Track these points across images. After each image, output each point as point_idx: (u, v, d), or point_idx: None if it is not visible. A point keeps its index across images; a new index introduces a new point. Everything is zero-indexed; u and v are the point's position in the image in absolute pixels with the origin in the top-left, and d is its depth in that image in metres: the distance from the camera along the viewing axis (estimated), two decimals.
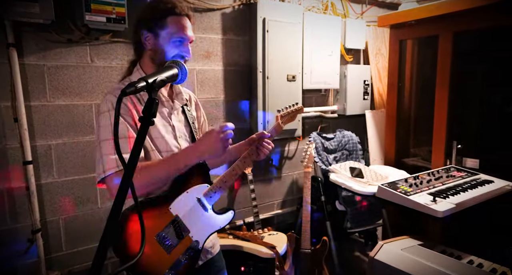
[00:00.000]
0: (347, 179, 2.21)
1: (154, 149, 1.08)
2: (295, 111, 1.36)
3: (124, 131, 1.01)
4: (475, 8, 1.94)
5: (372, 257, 1.34)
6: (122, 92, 0.64)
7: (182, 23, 1.08)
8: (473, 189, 1.68)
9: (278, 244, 1.87)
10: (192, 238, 1.08)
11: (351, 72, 2.80)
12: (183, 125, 1.19)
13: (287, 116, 1.32)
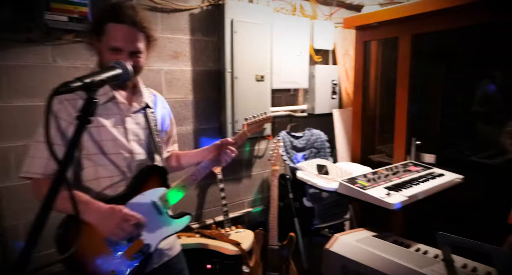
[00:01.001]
0: (313, 176, 2.27)
1: (99, 152, 1.07)
2: (263, 120, 1.37)
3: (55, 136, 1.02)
4: (431, 12, 2.04)
5: (327, 249, 1.40)
6: (54, 91, 0.64)
7: (119, 31, 1.03)
8: (426, 182, 1.77)
9: (243, 241, 1.91)
10: (144, 242, 1.08)
11: (319, 72, 2.88)
12: (141, 128, 1.18)
13: (253, 124, 1.34)
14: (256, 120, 1.35)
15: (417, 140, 2.30)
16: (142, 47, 1.09)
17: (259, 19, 2.50)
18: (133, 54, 1.07)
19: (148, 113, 1.20)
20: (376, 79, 2.82)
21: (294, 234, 2.22)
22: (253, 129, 1.34)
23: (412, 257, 1.29)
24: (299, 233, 2.30)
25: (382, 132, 2.80)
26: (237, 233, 2.02)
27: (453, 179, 1.85)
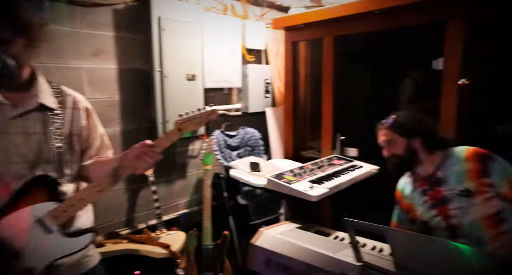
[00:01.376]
0: (246, 174, 2.31)
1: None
2: (201, 116, 1.17)
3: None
4: (351, 15, 2.19)
5: (252, 243, 1.44)
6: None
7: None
8: (346, 174, 1.91)
9: (174, 243, 1.87)
10: (24, 265, 0.94)
11: (252, 72, 2.93)
12: (32, 132, 1.04)
13: (188, 122, 1.16)
14: (191, 117, 1.16)
15: (342, 136, 2.46)
16: (8, 34, 0.94)
17: (189, 17, 2.46)
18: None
19: (47, 115, 1.07)
20: (305, 78, 2.96)
21: (229, 232, 2.23)
22: (188, 126, 1.16)
23: (330, 244, 1.38)
24: (234, 231, 2.32)
25: (312, 129, 2.94)
26: (168, 235, 1.97)
27: (370, 170, 2.02)
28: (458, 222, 1.45)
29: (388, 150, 1.61)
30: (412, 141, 1.56)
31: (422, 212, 1.58)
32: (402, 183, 1.71)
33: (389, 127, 1.60)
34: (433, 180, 1.54)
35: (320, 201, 2.51)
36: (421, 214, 1.59)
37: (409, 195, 1.64)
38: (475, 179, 1.44)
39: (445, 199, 1.49)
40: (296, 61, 2.81)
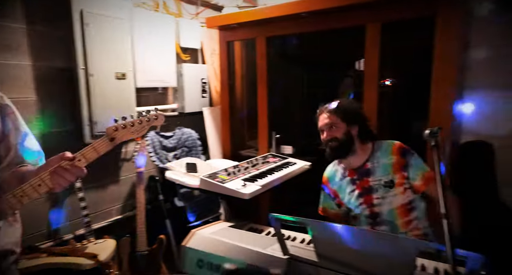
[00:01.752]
0: (182, 175, 2.25)
1: None
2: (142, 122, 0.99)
3: None
4: (281, 17, 2.25)
5: (184, 245, 1.41)
6: None
7: None
8: (280, 171, 1.96)
9: (102, 251, 1.76)
10: None
11: (188, 71, 2.87)
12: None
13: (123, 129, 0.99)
14: (127, 124, 0.98)
15: (277, 134, 2.52)
16: None
17: (117, 13, 2.33)
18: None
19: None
20: (242, 77, 2.98)
21: (166, 236, 2.16)
22: (123, 135, 0.99)
23: (260, 240, 1.41)
24: (172, 234, 2.25)
25: (250, 128, 2.97)
26: (96, 244, 1.84)
27: (303, 166, 2.10)
28: (379, 210, 1.59)
29: (328, 133, 1.64)
30: (351, 127, 1.63)
31: (348, 199, 1.68)
32: (330, 170, 1.80)
33: (333, 110, 1.64)
34: (362, 171, 1.63)
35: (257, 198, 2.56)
36: (346, 202, 1.70)
37: (336, 183, 1.73)
38: (397, 171, 1.57)
39: (371, 189, 1.60)
40: (232, 60, 2.81)
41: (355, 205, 1.66)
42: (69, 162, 0.96)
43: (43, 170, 0.98)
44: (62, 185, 0.97)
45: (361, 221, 1.65)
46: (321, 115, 1.69)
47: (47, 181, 0.96)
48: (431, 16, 1.81)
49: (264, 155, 2.24)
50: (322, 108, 1.70)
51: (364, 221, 1.64)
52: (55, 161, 0.97)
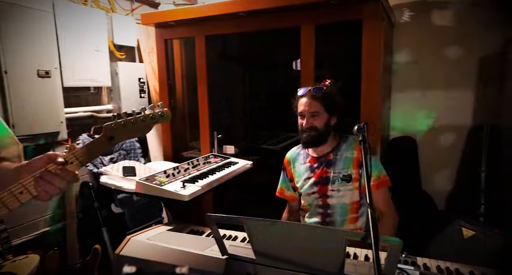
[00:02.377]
0: (119, 179, 2.13)
1: None
2: (145, 119, 0.85)
3: None
4: (220, 15, 2.23)
5: (117, 254, 1.32)
6: None
7: None
8: (222, 171, 1.94)
9: (22, 269, 1.58)
10: None
11: (123, 70, 2.72)
12: None
13: (123, 127, 0.84)
14: (128, 121, 0.84)
15: (219, 134, 2.50)
16: None
17: (37, 4, 2.12)
18: None
19: None
20: (183, 77, 2.90)
21: (101, 245, 2.02)
22: (124, 134, 0.85)
23: (201, 242, 1.38)
24: (108, 244, 2.11)
25: (192, 128, 2.91)
26: (15, 262, 1.65)
27: (244, 165, 2.11)
28: (332, 202, 1.60)
29: (309, 121, 1.56)
30: (331, 118, 1.59)
31: (302, 185, 1.67)
32: (292, 152, 1.78)
33: (318, 97, 1.54)
34: (324, 161, 1.62)
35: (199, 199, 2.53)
36: (300, 187, 1.69)
37: (295, 166, 1.72)
38: (356, 167, 1.57)
39: (328, 180, 1.59)
40: (171, 59, 2.73)
41: (308, 192, 1.65)
42: (59, 167, 0.81)
43: (25, 172, 0.83)
44: (50, 193, 0.81)
45: (312, 210, 1.66)
46: (303, 98, 1.58)
47: (31, 188, 0.80)
48: (359, 20, 1.93)
49: (206, 156, 2.21)
50: (304, 90, 1.59)
51: (314, 211, 1.65)
52: (40, 163, 0.82)
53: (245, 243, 1.38)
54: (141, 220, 2.35)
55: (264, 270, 1.11)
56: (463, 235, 1.80)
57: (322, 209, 1.63)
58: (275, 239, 1.06)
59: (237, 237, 1.50)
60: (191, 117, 2.88)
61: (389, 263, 0.92)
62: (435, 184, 2.82)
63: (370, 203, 0.98)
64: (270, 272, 1.09)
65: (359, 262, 1.16)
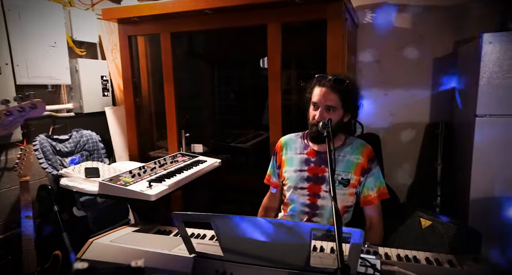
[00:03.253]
0: (80, 181, 2.03)
1: None
2: (12, 113, 0.85)
3: None
4: (184, 12, 2.19)
5: (79, 258, 1.26)
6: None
7: None
8: (189, 170, 1.91)
9: None
10: None
11: (84, 67, 2.60)
12: None
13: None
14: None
15: (188, 132, 2.47)
16: None
17: None
18: None
19: None
20: (149, 75, 2.83)
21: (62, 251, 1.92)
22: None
23: (168, 241, 1.35)
24: (70, 249, 2.01)
25: (159, 127, 2.85)
26: None
27: (213, 163, 2.09)
28: (321, 204, 1.51)
29: (322, 115, 1.41)
30: (345, 116, 1.47)
31: (290, 176, 1.56)
32: (289, 138, 1.64)
33: (338, 90, 1.40)
34: (324, 158, 1.48)
35: (168, 199, 2.49)
36: (288, 177, 1.57)
37: (288, 153, 1.59)
38: (357, 174, 1.49)
39: (324, 179, 1.49)
40: (135, 56, 2.65)
41: (294, 186, 1.54)
42: None
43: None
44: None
45: (295, 208, 1.55)
46: (320, 87, 1.43)
47: None
48: (324, 19, 1.98)
49: (173, 155, 2.17)
50: (324, 79, 1.43)
51: (298, 210, 1.55)
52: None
53: (214, 240, 1.37)
54: (107, 222, 2.26)
55: (232, 266, 1.10)
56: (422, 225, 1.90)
57: (309, 209, 1.53)
58: (242, 235, 1.07)
59: (205, 235, 1.49)
60: (158, 116, 2.81)
61: (352, 253, 0.96)
62: (397, 179, 2.97)
63: (334, 197, 1.01)
64: (238, 269, 1.09)
65: (324, 254, 1.19)
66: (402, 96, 2.85)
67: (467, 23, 2.58)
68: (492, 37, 1.96)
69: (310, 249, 1.02)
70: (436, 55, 2.70)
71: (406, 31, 2.75)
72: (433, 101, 2.78)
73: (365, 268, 1.04)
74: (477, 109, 2.05)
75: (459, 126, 2.51)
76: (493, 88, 2.00)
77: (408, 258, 1.21)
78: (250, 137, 2.84)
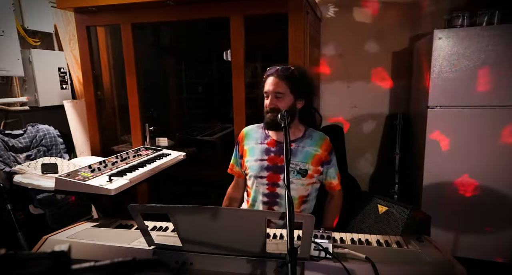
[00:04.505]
0: (37, 177, 1.95)
1: None
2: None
3: None
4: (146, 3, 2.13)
5: None
6: None
7: None
8: (152, 163, 1.89)
9: None
10: None
11: (39, 58, 2.47)
12: None
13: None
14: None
15: (152, 126, 2.43)
16: None
17: None
18: None
19: None
20: (110, 67, 2.74)
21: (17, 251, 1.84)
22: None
23: (128, 235, 1.34)
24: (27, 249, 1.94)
25: (123, 121, 2.78)
26: None
27: (177, 156, 2.08)
28: (281, 193, 1.55)
29: (272, 102, 1.47)
30: (298, 101, 1.51)
31: (251, 165, 1.59)
32: (251, 128, 1.69)
33: (283, 77, 1.46)
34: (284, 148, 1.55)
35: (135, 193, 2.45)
36: (249, 167, 1.61)
37: (249, 143, 1.63)
38: (315, 164, 1.55)
39: (282, 169, 1.46)
40: (95, 47, 2.55)
41: (254, 175, 1.58)
42: None
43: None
44: None
45: (256, 197, 1.60)
46: (269, 77, 1.50)
47: None
48: (285, 13, 2.01)
49: (136, 149, 2.13)
50: (272, 70, 1.51)
51: (258, 199, 1.60)
52: None
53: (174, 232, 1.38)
54: (67, 220, 2.19)
55: (191, 256, 1.12)
56: (379, 211, 2.01)
57: (268, 198, 1.58)
58: (200, 225, 1.08)
59: (168, 227, 1.49)
60: (122, 110, 2.74)
61: (304, 238, 1.00)
62: (359, 168, 3.09)
63: (287, 186, 1.04)
64: (198, 258, 1.11)
65: (283, 241, 1.23)
66: (364, 89, 2.96)
67: (421, 19, 2.71)
68: (441, 33, 2.09)
69: (265, 236, 1.05)
70: (394, 49, 2.83)
71: (367, 25, 2.84)
72: (392, 93, 2.91)
73: (318, 252, 1.09)
74: (429, 101, 2.18)
75: (414, 117, 2.65)
76: (442, 81, 2.13)
77: (361, 241, 1.28)
78: (217, 130, 2.84)
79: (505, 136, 2.10)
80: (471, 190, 2.21)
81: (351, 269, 1.02)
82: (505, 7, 2.12)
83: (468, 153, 2.17)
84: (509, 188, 2.13)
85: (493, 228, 2.21)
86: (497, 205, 2.16)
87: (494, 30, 2.00)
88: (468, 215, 2.24)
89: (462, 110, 2.13)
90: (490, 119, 2.09)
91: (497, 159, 2.12)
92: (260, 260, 1.07)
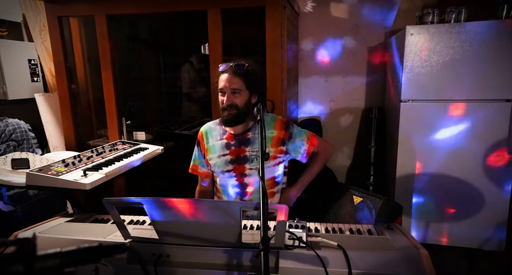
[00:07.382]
0: (6, 173, 1.89)
1: None
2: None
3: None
4: None
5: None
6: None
7: None
8: (129, 157, 1.87)
9: None
10: None
11: (7, 49, 2.38)
12: None
13: None
14: None
15: (129, 120, 2.39)
16: None
17: None
18: None
19: None
20: (85, 59, 2.67)
21: None
22: None
23: (104, 229, 1.33)
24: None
25: (99, 115, 2.72)
26: None
27: (155, 150, 2.06)
28: (248, 181, 1.60)
29: (229, 98, 1.49)
30: (252, 96, 1.54)
31: (216, 162, 1.62)
32: (208, 126, 1.70)
33: (239, 74, 1.48)
34: (242, 139, 1.57)
35: (112, 188, 2.41)
36: (214, 164, 1.63)
37: (210, 141, 1.65)
38: (275, 145, 1.58)
39: (246, 159, 1.57)
40: (68, 39, 2.47)
41: (221, 171, 1.61)
42: None
43: None
44: None
45: (228, 190, 1.64)
46: (224, 74, 1.51)
47: None
48: (262, 7, 2.01)
49: (113, 143, 2.09)
50: (225, 66, 1.51)
51: (230, 191, 1.63)
52: None
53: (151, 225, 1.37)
54: (41, 216, 2.13)
55: (168, 248, 1.13)
56: (354, 202, 2.08)
57: (239, 189, 1.62)
58: (175, 217, 1.09)
59: (145, 221, 1.48)
60: (98, 103, 2.68)
61: (278, 227, 1.03)
62: (337, 161, 3.17)
63: (262, 177, 1.06)
64: (174, 250, 1.12)
65: (256, 231, 1.26)
66: (341, 83, 3.02)
67: (396, 15, 2.79)
68: (413, 29, 2.16)
69: (241, 227, 1.07)
70: (370, 45, 2.89)
71: (343, 20, 2.89)
72: (368, 87, 2.98)
73: (292, 241, 1.12)
74: (401, 95, 2.25)
75: (388, 110, 2.73)
76: (414, 76, 2.21)
77: (334, 230, 1.33)
78: (196, 124, 2.83)
79: (473, 128, 2.20)
80: (441, 182, 2.31)
81: (324, 257, 1.06)
82: (471, 5, 2.21)
83: (438, 145, 2.27)
84: (476, 181, 2.25)
85: (457, 217, 2.33)
86: (466, 196, 2.28)
87: (461, 27, 2.09)
88: (436, 205, 2.35)
89: (432, 104, 2.22)
90: (459, 112, 2.19)
91: (466, 151, 2.23)
92: (236, 250, 1.09)
